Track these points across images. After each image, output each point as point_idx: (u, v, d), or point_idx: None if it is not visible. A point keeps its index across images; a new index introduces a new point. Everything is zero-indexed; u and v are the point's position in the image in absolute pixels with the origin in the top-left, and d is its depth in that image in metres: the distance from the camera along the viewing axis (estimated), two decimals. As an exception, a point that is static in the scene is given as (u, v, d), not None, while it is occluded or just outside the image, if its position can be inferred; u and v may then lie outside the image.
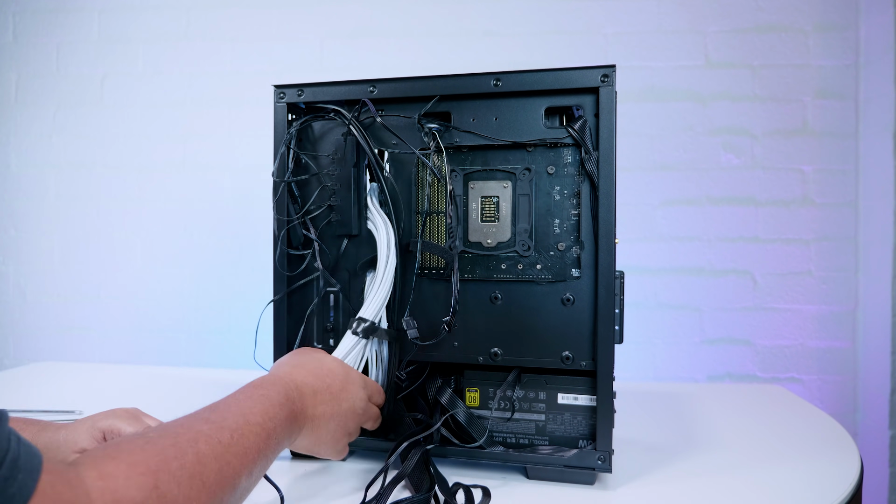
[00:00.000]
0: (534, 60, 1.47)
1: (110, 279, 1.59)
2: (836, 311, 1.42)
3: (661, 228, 1.45)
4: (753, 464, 0.72)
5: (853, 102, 1.41)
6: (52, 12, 1.59)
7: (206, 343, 1.57)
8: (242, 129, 1.55)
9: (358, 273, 0.72)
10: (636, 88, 1.44)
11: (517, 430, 0.69)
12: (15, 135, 1.61)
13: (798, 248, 1.42)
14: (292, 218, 0.72)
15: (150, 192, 1.58)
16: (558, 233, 0.67)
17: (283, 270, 0.72)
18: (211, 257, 1.56)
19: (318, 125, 0.73)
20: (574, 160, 0.66)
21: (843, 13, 1.40)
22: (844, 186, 1.41)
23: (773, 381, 1.42)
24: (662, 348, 1.45)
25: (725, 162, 1.43)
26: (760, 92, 1.43)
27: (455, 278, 0.66)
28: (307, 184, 0.73)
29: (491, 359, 0.68)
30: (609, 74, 0.63)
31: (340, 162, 0.71)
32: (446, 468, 0.69)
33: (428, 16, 1.51)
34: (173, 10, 1.57)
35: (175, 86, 1.57)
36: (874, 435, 1.35)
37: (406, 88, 0.69)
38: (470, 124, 0.68)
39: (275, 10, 1.54)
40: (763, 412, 0.95)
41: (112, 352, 1.60)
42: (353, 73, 1.54)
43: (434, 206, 0.70)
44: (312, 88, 0.72)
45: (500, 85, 0.66)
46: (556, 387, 0.68)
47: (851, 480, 0.66)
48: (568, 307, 0.66)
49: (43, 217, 1.61)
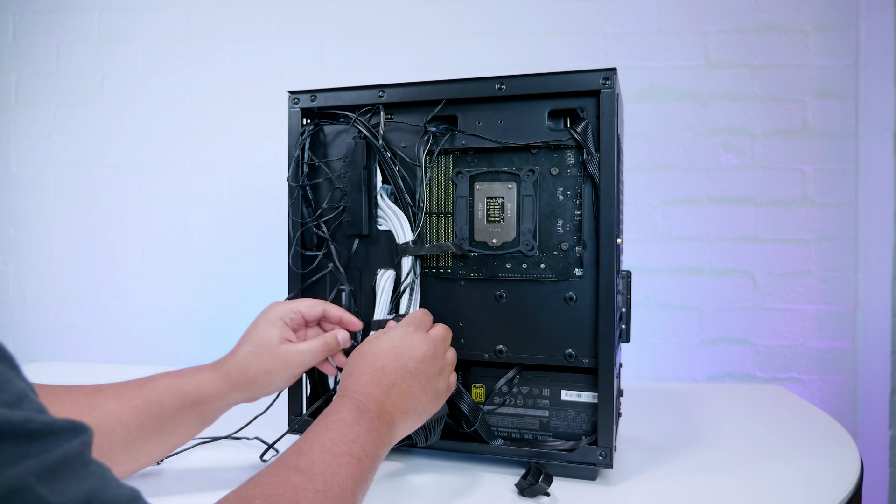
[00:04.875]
0: (534, 60, 1.47)
1: (110, 279, 1.59)
2: (836, 311, 1.42)
3: (661, 228, 1.45)
4: (753, 463, 0.72)
5: (853, 102, 1.41)
6: (52, 12, 1.59)
7: (206, 343, 1.57)
8: (242, 129, 1.55)
9: None
10: (636, 88, 1.44)
11: (521, 425, 0.71)
12: (15, 135, 1.61)
13: (798, 248, 1.43)
14: (306, 220, 0.75)
15: (150, 192, 1.58)
16: (561, 233, 0.68)
17: (296, 269, 0.75)
18: (211, 257, 1.56)
19: (328, 129, 0.75)
20: (577, 162, 0.67)
21: (843, 13, 1.41)
22: (844, 186, 1.42)
23: (773, 381, 1.42)
24: (662, 348, 1.46)
25: (725, 162, 1.44)
26: (760, 92, 1.43)
27: None
28: (319, 186, 0.76)
29: (496, 356, 0.70)
30: (610, 77, 0.64)
31: (351, 164, 0.73)
32: (447, 462, 0.70)
33: (428, 16, 1.51)
34: (173, 10, 1.56)
35: (175, 86, 1.57)
36: (874, 435, 1.36)
37: (414, 93, 0.71)
38: (475, 127, 0.70)
39: (275, 10, 1.54)
40: (763, 412, 0.95)
41: (112, 352, 1.60)
42: (353, 73, 1.55)
43: (441, 207, 0.71)
44: (325, 94, 0.74)
45: (504, 89, 0.68)
46: (559, 383, 0.70)
47: (851, 480, 0.67)
48: (571, 306, 0.67)
49: (43, 217, 1.61)
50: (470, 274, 0.71)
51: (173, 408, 0.59)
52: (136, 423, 0.57)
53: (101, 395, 0.57)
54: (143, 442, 0.58)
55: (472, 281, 0.71)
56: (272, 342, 0.63)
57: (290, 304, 0.67)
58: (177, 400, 0.59)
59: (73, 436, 0.28)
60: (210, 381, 0.61)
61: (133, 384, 0.60)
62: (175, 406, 0.59)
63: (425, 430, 0.66)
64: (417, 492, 0.64)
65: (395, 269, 0.72)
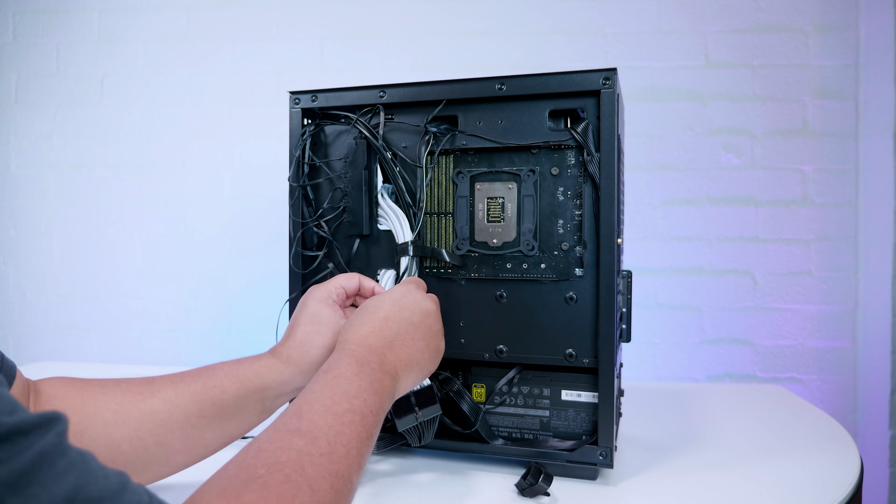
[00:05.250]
0: (534, 60, 1.47)
1: (110, 279, 1.59)
2: (836, 311, 1.42)
3: (661, 228, 1.46)
4: (754, 463, 0.72)
5: (853, 102, 1.41)
6: (52, 12, 1.59)
7: (206, 343, 1.57)
8: (242, 129, 1.55)
9: None
10: (636, 88, 1.44)
11: (522, 425, 0.71)
12: (15, 135, 1.61)
13: (798, 248, 1.43)
14: (307, 220, 0.75)
15: (150, 192, 1.58)
16: (562, 233, 0.68)
17: (297, 269, 0.75)
18: (211, 257, 1.56)
19: (329, 129, 0.75)
20: (577, 162, 0.67)
21: (843, 13, 1.41)
22: (844, 186, 1.42)
23: (773, 381, 1.42)
24: (662, 348, 1.46)
25: (725, 162, 1.44)
26: (760, 92, 1.43)
27: None
28: (319, 186, 0.76)
29: (497, 355, 0.70)
30: (610, 77, 0.65)
31: (352, 164, 0.73)
32: (447, 462, 0.70)
33: (428, 16, 1.51)
34: (173, 10, 1.56)
35: (175, 86, 1.57)
36: (874, 435, 1.36)
37: (414, 93, 0.71)
38: (476, 128, 0.70)
39: (275, 10, 1.54)
40: (763, 412, 0.95)
41: (112, 352, 1.60)
42: (353, 73, 1.55)
43: (442, 207, 0.71)
44: (326, 94, 0.74)
45: (505, 89, 0.68)
46: (560, 383, 0.70)
47: (851, 480, 0.67)
48: (571, 305, 0.67)
49: (43, 217, 1.61)
50: (470, 274, 0.71)
51: (234, 393, 0.57)
52: (196, 410, 0.55)
53: (156, 383, 0.56)
54: (201, 430, 0.56)
55: (472, 281, 0.71)
56: (331, 319, 0.62)
57: (331, 283, 0.66)
58: (238, 385, 0.57)
59: (45, 430, 0.27)
60: (272, 367, 0.59)
61: (188, 373, 0.58)
62: (237, 391, 0.57)
63: (418, 431, 0.66)
64: (417, 492, 0.64)
65: (395, 269, 0.72)
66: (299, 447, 0.41)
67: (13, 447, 0.25)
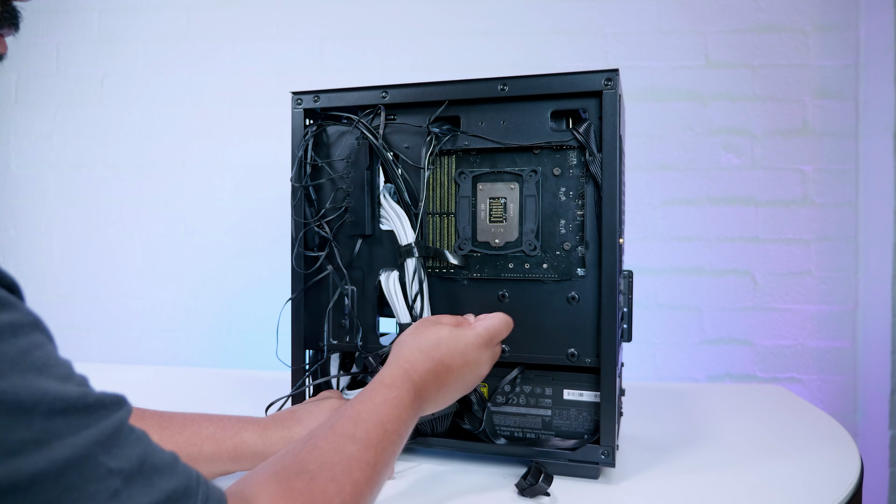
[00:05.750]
0: (534, 61, 1.47)
1: (110, 279, 1.59)
2: (836, 311, 1.42)
3: (661, 228, 1.46)
4: (754, 463, 0.72)
5: (853, 102, 1.41)
6: (52, 12, 1.59)
7: (206, 343, 1.57)
8: (243, 129, 1.55)
9: None
10: (636, 88, 1.44)
11: (524, 424, 0.71)
12: (15, 135, 1.60)
13: (798, 248, 1.43)
14: (309, 221, 0.75)
15: (150, 192, 1.58)
16: (564, 233, 0.68)
17: (300, 270, 0.75)
18: (211, 257, 1.56)
19: (331, 130, 0.76)
20: (579, 162, 0.67)
21: (843, 13, 1.41)
22: (844, 186, 1.42)
23: (773, 381, 1.43)
24: (662, 348, 1.46)
25: (725, 162, 1.44)
26: (760, 92, 1.43)
27: None
28: (321, 186, 0.76)
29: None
30: (612, 78, 0.65)
31: (354, 165, 0.73)
32: (448, 461, 0.70)
33: (428, 16, 1.51)
34: (173, 10, 1.56)
35: (175, 86, 1.57)
36: (874, 435, 1.36)
37: (416, 94, 0.72)
38: (478, 128, 0.70)
39: (275, 10, 1.54)
40: (763, 412, 0.95)
41: (112, 352, 1.60)
42: (353, 73, 1.55)
43: (444, 208, 0.71)
44: (328, 94, 0.74)
45: (507, 89, 0.68)
46: (562, 383, 0.70)
47: (851, 480, 0.67)
48: (573, 305, 0.68)
49: (43, 217, 1.61)
50: (473, 274, 0.71)
51: (211, 456, 0.60)
52: None
53: (145, 421, 0.59)
54: None
55: (474, 281, 0.71)
56: None
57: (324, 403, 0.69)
58: (216, 450, 0.61)
59: (118, 407, 0.33)
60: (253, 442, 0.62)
61: (177, 419, 0.61)
62: (213, 455, 0.60)
63: (432, 424, 0.67)
64: (418, 491, 0.64)
65: (399, 271, 0.72)
66: (351, 451, 0.45)
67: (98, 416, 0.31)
